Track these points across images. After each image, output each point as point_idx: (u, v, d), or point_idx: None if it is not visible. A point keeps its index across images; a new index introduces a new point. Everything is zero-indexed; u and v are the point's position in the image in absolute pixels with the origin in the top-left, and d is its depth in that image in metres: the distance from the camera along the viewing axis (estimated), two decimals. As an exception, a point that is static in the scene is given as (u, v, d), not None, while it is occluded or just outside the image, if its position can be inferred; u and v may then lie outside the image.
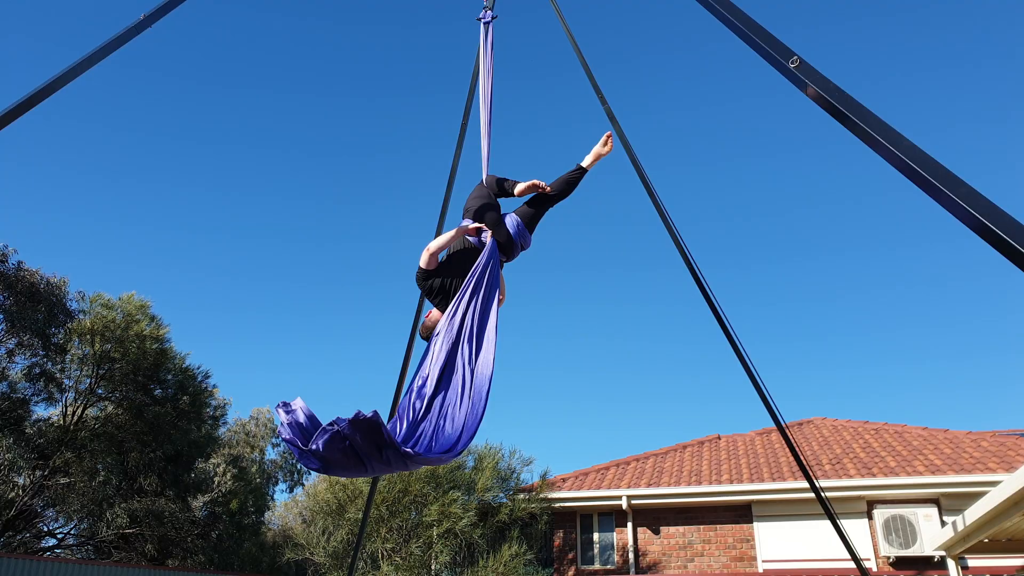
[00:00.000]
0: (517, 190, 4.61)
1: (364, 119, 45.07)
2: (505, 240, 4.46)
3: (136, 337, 17.34)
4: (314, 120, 43.81)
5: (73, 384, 17.42)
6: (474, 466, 12.66)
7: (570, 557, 13.03)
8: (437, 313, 4.44)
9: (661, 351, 41.75)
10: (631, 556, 12.55)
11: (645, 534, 12.79)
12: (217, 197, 43.69)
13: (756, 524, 12.23)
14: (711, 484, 12.40)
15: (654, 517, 12.84)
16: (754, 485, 12.07)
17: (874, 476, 11.58)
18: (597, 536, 13.10)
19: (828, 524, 6.42)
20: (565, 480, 13.75)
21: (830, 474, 11.90)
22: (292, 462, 34.18)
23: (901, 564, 11.16)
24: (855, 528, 11.47)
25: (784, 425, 5.91)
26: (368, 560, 11.87)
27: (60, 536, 18.34)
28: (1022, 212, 2.44)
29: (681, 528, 12.64)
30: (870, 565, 11.30)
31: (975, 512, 6.07)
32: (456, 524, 11.34)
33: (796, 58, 3.16)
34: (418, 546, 11.55)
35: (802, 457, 6.11)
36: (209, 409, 20.07)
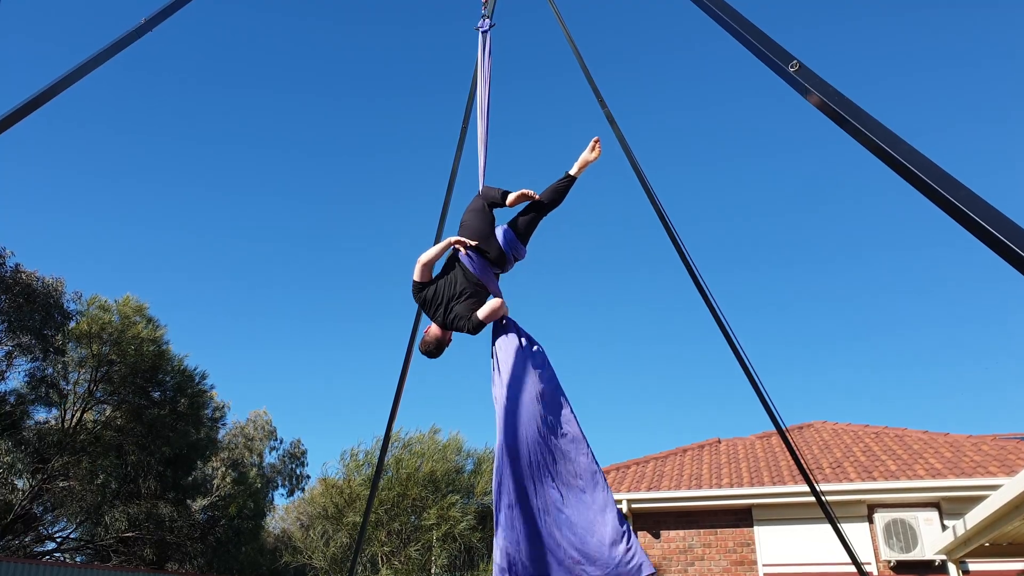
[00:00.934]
0: (508, 200, 4.59)
1: (365, 121, 45.05)
2: (496, 254, 4.46)
3: (133, 339, 17.32)
4: (314, 122, 43.80)
5: (72, 387, 17.40)
6: (473, 469, 12.65)
7: (570, 561, 13.01)
8: (436, 328, 4.45)
9: (661, 354, 41.73)
10: (631, 560, 12.52)
11: (645, 538, 12.77)
12: (216, 198, 43.67)
13: (756, 528, 12.21)
14: (711, 488, 12.37)
15: (654, 521, 12.82)
16: (754, 489, 12.04)
17: (874, 480, 11.56)
18: (597, 540, 13.07)
19: (829, 528, 6.40)
20: (565, 484, 13.73)
21: (830, 478, 11.88)
22: (291, 465, 34.09)
23: (902, 568, 11.14)
24: (856, 532, 11.44)
25: (784, 429, 5.90)
26: (367, 564, 11.85)
27: (59, 540, 18.30)
28: (1022, 215, 2.43)
29: (681, 532, 12.62)
30: (871, 569, 11.27)
31: (976, 516, 6.06)
32: (455, 528, 11.32)
33: (796, 62, 3.15)
34: (417, 550, 11.53)
35: (802, 461, 6.09)
36: (208, 411, 20.04)
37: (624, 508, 12.54)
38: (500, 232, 4.56)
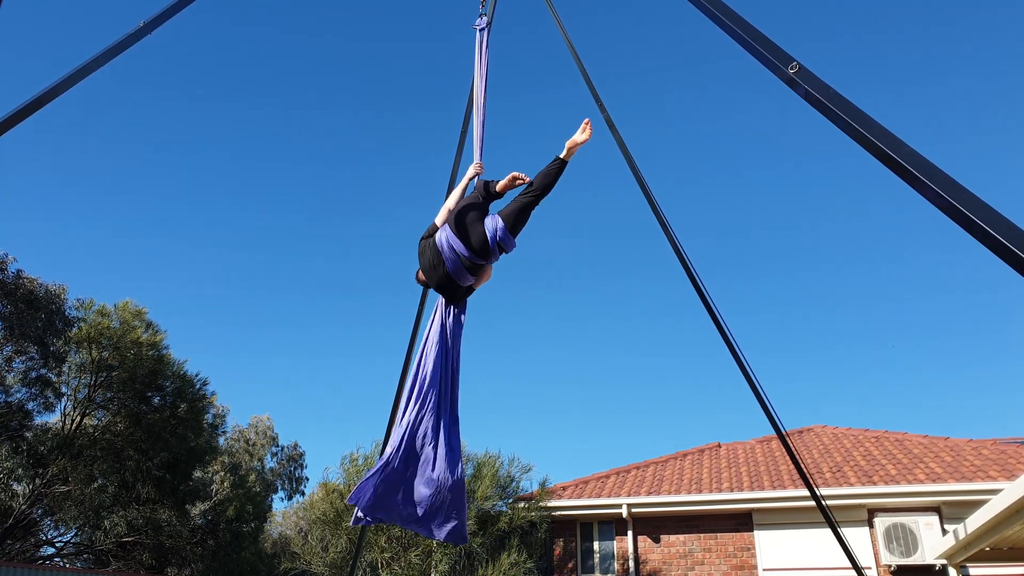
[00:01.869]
0: (499, 187, 4.56)
1: (366, 128, 45.16)
2: (479, 242, 4.41)
3: (133, 344, 17.30)
4: (316, 130, 43.90)
5: (71, 392, 17.38)
6: (473, 474, 12.62)
7: (570, 566, 12.97)
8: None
9: (661, 359, 41.72)
10: (631, 565, 12.49)
11: (645, 542, 12.73)
12: (218, 205, 43.74)
13: (757, 532, 12.18)
14: (711, 492, 12.35)
15: (654, 525, 12.79)
16: (755, 493, 12.03)
17: (875, 484, 11.54)
18: (597, 544, 13.04)
19: (829, 532, 6.38)
20: (565, 488, 13.70)
21: (831, 482, 11.86)
22: (290, 469, 34.09)
23: (902, 573, 11.12)
24: (856, 536, 11.42)
25: (784, 433, 5.89)
26: (367, 570, 11.82)
27: (59, 545, 18.26)
28: (1022, 217, 2.43)
29: (681, 536, 12.59)
30: (871, 574, 11.25)
31: (976, 520, 6.05)
32: (455, 532, 11.28)
33: (795, 64, 3.15)
34: (417, 555, 11.51)
35: (803, 465, 6.08)
36: (207, 417, 20.01)
37: (624, 512, 12.52)
38: (489, 223, 4.44)
